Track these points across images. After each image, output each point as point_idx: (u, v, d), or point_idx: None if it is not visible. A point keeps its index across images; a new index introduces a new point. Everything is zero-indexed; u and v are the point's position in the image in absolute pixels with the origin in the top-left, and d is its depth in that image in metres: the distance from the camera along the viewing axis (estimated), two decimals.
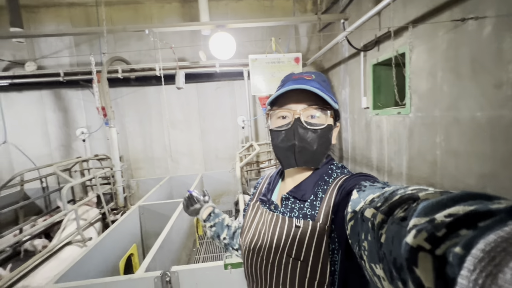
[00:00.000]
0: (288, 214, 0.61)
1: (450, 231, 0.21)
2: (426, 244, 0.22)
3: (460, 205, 0.22)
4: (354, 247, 0.40)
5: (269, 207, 0.67)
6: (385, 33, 2.41)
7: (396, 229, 0.28)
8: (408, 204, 0.30)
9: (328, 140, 0.63)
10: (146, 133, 4.04)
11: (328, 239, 0.54)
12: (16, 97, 3.78)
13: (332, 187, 0.59)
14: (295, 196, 0.62)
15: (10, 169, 3.86)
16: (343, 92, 3.37)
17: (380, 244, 0.30)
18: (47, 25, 3.71)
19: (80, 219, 2.39)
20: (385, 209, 0.32)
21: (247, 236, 0.68)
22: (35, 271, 1.90)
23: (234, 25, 2.48)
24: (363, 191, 0.44)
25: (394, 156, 2.45)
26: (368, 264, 0.34)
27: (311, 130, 0.59)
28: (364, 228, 0.36)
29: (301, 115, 0.60)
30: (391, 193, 0.35)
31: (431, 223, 0.23)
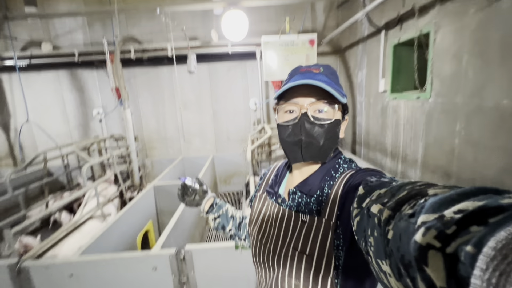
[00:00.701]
0: (294, 208, 0.62)
1: (460, 228, 0.21)
2: (436, 242, 0.22)
3: (470, 201, 0.22)
4: (361, 242, 0.40)
5: (276, 200, 0.68)
6: (409, 11, 2.24)
7: (404, 225, 0.27)
8: (416, 200, 0.29)
9: (336, 134, 0.62)
10: (159, 113, 4.10)
11: (334, 234, 0.54)
12: (35, 77, 3.88)
13: (338, 182, 0.59)
14: (301, 191, 0.62)
15: (33, 146, 4.08)
16: (360, 74, 3.24)
17: (387, 241, 0.30)
18: (60, 3, 3.69)
19: (100, 195, 2.53)
20: (392, 205, 0.32)
21: (255, 227, 0.70)
22: (62, 242, 2.07)
23: (247, 3, 2.37)
24: (369, 187, 0.43)
25: (410, 143, 2.39)
26: (375, 260, 0.34)
27: (318, 125, 0.59)
28: (370, 224, 0.35)
29: (308, 110, 0.59)
30: (398, 189, 0.35)
31: (440, 220, 0.22)
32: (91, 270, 1.30)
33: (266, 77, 2.20)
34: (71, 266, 1.30)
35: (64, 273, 1.30)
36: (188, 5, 2.45)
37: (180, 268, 1.26)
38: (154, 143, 4.17)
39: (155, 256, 1.25)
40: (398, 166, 2.61)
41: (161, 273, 1.26)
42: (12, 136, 4.06)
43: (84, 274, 1.30)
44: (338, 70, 3.96)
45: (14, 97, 3.94)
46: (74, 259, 1.32)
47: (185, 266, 1.27)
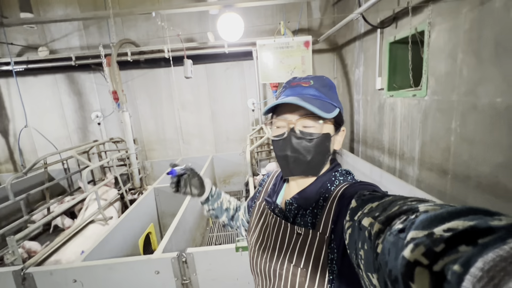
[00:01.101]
0: (291, 219, 0.63)
1: (449, 247, 0.21)
2: (424, 259, 0.22)
3: (460, 220, 0.22)
4: (352, 256, 0.40)
5: (273, 210, 0.68)
6: (404, 9, 2.25)
7: (393, 240, 0.27)
8: (407, 215, 0.29)
9: (326, 148, 0.61)
10: (157, 115, 4.10)
11: (328, 248, 0.55)
12: (32, 82, 3.88)
13: (333, 195, 0.59)
14: (297, 203, 0.63)
15: (33, 151, 4.09)
16: (357, 72, 3.25)
17: (376, 254, 0.30)
18: (55, 8, 3.68)
19: (101, 199, 2.55)
20: (383, 219, 0.32)
21: (253, 236, 0.71)
22: (64, 247, 2.10)
23: (243, 4, 2.37)
24: (362, 200, 0.44)
25: (407, 140, 2.41)
26: (365, 273, 0.34)
27: (306, 139, 0.59)
28: (361, 237, 0.36)
29: (295, 125, 0.59)
30: (390, 203, 0.35)
31: (429, 237, 0.22)
32: (95, 275, 1.32)
33: (262, 79, 2.21)
34: (75, 271, 1.32)
35: (68, 279, 1.33)
36: (184, 8, 2.45)
37: (182, 271, 1.28)
38: (153, 145, 4.19)
39: (157, 259, 1.28)
40: (396, 164, 2.64)
41: (163, 277, 1.29)
42: (11, 141, 4.07)
43: (87, 279, 1.32)
44: (335, 67, 3.97)
45: (12, 102, 3.94)
46: (78, 265, 1.34)
47: (187, 269, 1.30)
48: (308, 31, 3.76)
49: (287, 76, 2.19)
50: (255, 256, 0.68)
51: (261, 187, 0.81)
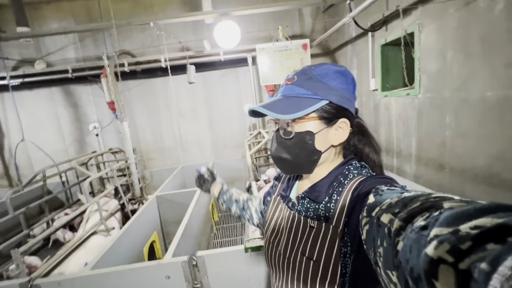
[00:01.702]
0: (304, 213, 0.63)
1: (476, 245, 0.20)
2: (449, 256, 0.21)
3: (488, 217, 0.21)
4: (370, 252, 0.39)
5: (287, 204, 0.70)
6: (393, 12, 2.35)
7: (415, 237, 0.26)
8: (429, 212, 0.28)
9: (309, 146, 0.59)
10: (155, 124, 4.11)
11: (341, 242, 0.54)
12: (27, 95, 3.86)
13: (347, 189, 0.58)
14: (309, 197, 0.63)
15: (29, 165, 4.03)
16: None
17: (396, 252, 0.29)
18: (50, 22, 3.71)
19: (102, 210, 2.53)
20: (404, 216, 0.31)
21: (268, 229, 0.72)
22: (67, 259, 2.06)
23: (238, 12, 2.44)
24: (380, 195, 0.42)
25: (403, 138, 2.48)
26: (384, 271, 0.33)
27: (285, 139, 0.60)
28: (380, 234, 0.35)
29: (280, 125, 0.62)
30: (411, 199, 0.34)
31: (455, 234, 0.22)
32: (104, 283, 1.31)
33: (262, 82, 2.27)
34: (83, 280, 1.31)
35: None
36: (181, 18, 2.51)
37: (193, 274, 1.29)
38: (152, 154, 4.18)
39: (167, 264, 1.28)
40: (393, 161, 2.70)
41: (174, 281, 1.29)
42: (6, 156, 4.01)
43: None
44: None
45: (7, 117, 3.90)
46: (86, 273, 1.33)
47: (198, 273, 1.30)
48: (301, 37, 3.86)
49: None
50: (269, 248, 0.69)
51: (277, 181, 0.83)
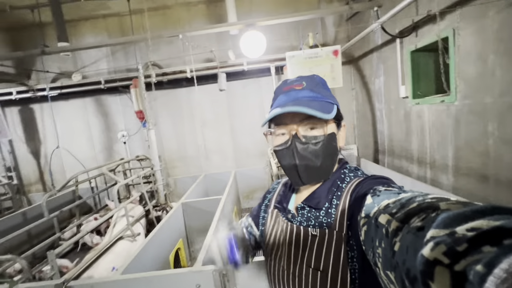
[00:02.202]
0: (304, 223, 0.60)
1: (472, 247, 0.20)
2: (445, 258, 0.21)
3: (485, 219, 0.21)
4: (369, 253, 0.39)
5: (286, 216, 0.66)
6: (424, 18, 2.27)
7: (411, 238, 0.26)
8: (426, 213, 0.28)
9: (334, 149, 0.59)
10: (179, 133, 4.22)
11: (346, 246, 0.52)
12: (63, 105, 4.13)
13: (346, 192, 0.57)
14: (309, 205, 0.61)
15: (61, 171, 4.25)
16: (377, 82, 3.25)
17: (393, 252, 0.29)
18: (87, 37, 3.99)
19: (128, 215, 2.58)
20: (401, 216, 0.31)
21: (268, 245, 0.68)
22: (96, 263, 2.11)
23: (263, 22, 2.48)
24: (377, 196, 0.42)
25: (438, 147, 2.33)
26: (383, 272, 0.33)
27: (311, 144, 0.56)
28: (378, 235, 0.34)
29: (298, 130, 0.57)
30: (408, 200, 0.34)
31: (451, 236, 0.22)
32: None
33: None
34: (114, 285, 1.32)
35: None
36: (208, 30, 2.59)
37: (223, 284, 1.25)
38: (175, 162, 4.26)
39: (198, 272, 1.25)
40: (426, 172, 2.54)
41: None
42: (42, 162, 4.27)
43: None
44: (353, 78, 3.99)
45: (45, 125, 4.18)
46: (117, 278, 1.34)
47: (228, 282, 1.26)
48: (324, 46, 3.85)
49: None
50: (272, 265, 0.65)
51: (269, 195, 0.79)
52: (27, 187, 4.32)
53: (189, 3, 3.88)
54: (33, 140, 4.22)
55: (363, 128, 3.89)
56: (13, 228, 2.46)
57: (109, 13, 3.89)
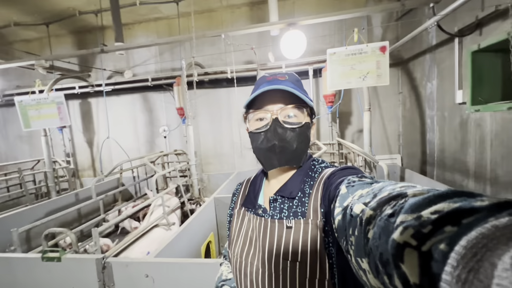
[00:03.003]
0: (277, 216, 0.60)
1: (436, 228, 0.21)
2: (413, 240, 0.22)
3: (446, 202, 0.23)
4: (341, 241, 0.40)
5: (256, 212, 0.65)
6: (491, 13, 2.02)
7: (383, 225, 0.28)
8: (396, 201, 0.29)
9: (307, 137, 0.63)
10: (216, 131, 4.34)
11: (322, 233, 0.54)
12: (115, 100, 4.54)
13: (318, 181, 0.60)
14: (282, 195, 0.61)
15: (109, 159, 4.67)
16: (428, 86, 2.97)
17: (367, 240, 0.30)
18: (139, 38, 4.35)
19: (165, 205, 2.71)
20: (374, 205, 0.32)
21: (237, 246, 0.66)
22: (132, 246, 2.24)
23: (306, 21, 2.43)
24: (352, 186, 0.43)
25: (502, 161, 2.03)
26: (354, 259, 0.34)
27: (290, 129, 0.60)
28: (352, 224, 0.35)
29: (278, 115, 0.60)
30: (380, 190, 0.36)
31: (417, 220, 0.23)
32: (165, 272, 1.35)
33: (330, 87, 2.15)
34: (148, 266, 1.37)
35: (141, 273, 1.38)
36: (249, 29, 2.62)
37: None
38: (210, 159, 4.39)
39: None
40: (486, 189, 2.23)
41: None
42: (94, 150, 4.74)
43: (158, 276, 1.36)
44: (400, 81, 3.71)
45: (98, 118, 4.64)
46: (151, 260, 1.40)
47: None
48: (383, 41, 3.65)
49: (359, 82, 2.10)
50: (243, 267, 0.62)
51: (235, 197, 0.77)
52: (81, 172, 4.83)
53: (232, 6, 4.00)
54: (89, 130, 4.72)
55: (409, 136, 3.58)
56: (67, 206, 2.75)
57: (159, 16, 4.19)
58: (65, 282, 1.49)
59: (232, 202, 0.77)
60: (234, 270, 0.65)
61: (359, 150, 2.45)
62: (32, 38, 4.58)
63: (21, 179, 3.60)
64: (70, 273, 1.48)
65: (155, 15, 4.17)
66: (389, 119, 3.80)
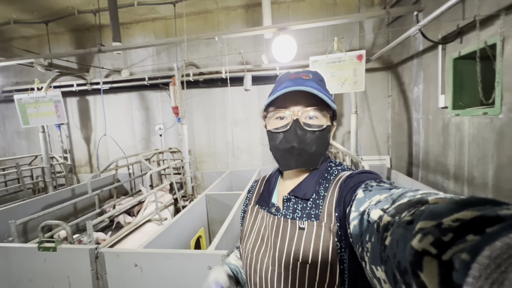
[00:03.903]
0: (290, 216, 0.59)
1: (457, 236, 0.20)
2: (432, 248, 0.22)
3: (468, 210, 0.22)
4: (357, 247, 0.39)
5: (269, 210, 0.65)
6: (470, 23, 2.12)
7: (401, 232, 0.27)
8: (416, 208, 0.29)
9: (327, 141, 0.62)
10: (210, 130, 4.44)
11: (335, 238, 0.52)
12: (113, 98, 4.62)
13: (334, 184, 0.58)
14: (296, 196, 0.61)
15: (106, 156, 4.75)
16: (415, 90, 3.08)
17: (384, 247, 0.30)
18: (137, 38, 4.43)
19: (158, 201, 2.81)
20: (392, 212, 0.32)
21: (249, 242, 0.66)
22: (125, 239, 2.34)
23: (296, 26, 2.53)
24: (369, 191, 0.43)
25: (477, 164, 2.14)
26: (369, 266, 0.34)
27: (310, 131, 0.59)
28: (369, 230, 0.35)
29: (299, 117, 0.58)
30: (399, 196, 0.35)
31: (437, 227, 0.22)
32: (153, 262, 1.45)
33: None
34: (137, 256, 1.47)
35: (130, 262, 1.48)
36: (242, 32, 2.72)
37: None
38: (204, 157, 4.49)
39: (210, 255, 1.35)
40: (463, 190, 2.34)
41: None
42: (91, 147, 4.82)
43: (147, 265, 1.46)
44: (390, 85, 3.82)
45: (96, 115, 4.72)
46: (140, 250, 1.49)
47: None
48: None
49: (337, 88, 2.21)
50: (253, 263, 0.62)
51: (250, 194, 0.78)
52: (78, 168, 4.91)
53: (228, 8, 4.09)
54: (86, 127, 4.80)
55: (398, 138, 3.69)
56: (64, 201, 2.84)
57: (157, 16, 4.27)
58: (60, 271, 1.59)
59: (246, 199, 0.78)
60: (245, 265, 0.66)
61: (344, 151, 2.56)
62: (31, 35, 4.65)
63: (19, 174, 3.69)
64: (65, 262, 1.58)
65: (152, 15, 4.25)
66: (379, 121, 3.92)
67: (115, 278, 1.51)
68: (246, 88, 3.29)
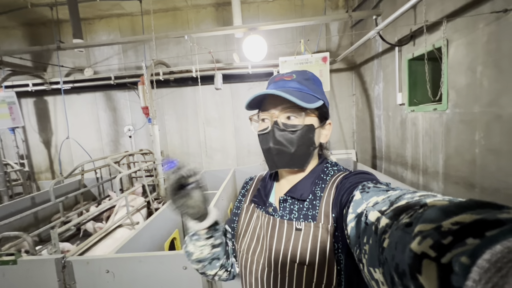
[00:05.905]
0: (287, 216, 0.60)
1: (457, 239, 0.20)
2: (431, 251, 0.22)
3: (468, 213, 0.22)
4: (354, 249, 0.39)
5: (266, 210, 0.65)
6: (421, 27, 2.34)
7: (400, 234, 0.27)
8: (414, 210, 0.29)
9: (309, 140, 0.60)
10: (182, 130, 4.36)
11: (332, 238, 0.53)
12: (75, 99, 4.34)
13: (330, 184, 0.59)
14: (293, 197, 0.61)
15: (70, 161, 4.45)
16: (376, 88, 3.31)
17: (382, 249, 0.30)
18: (101, 35, 4.20)
19: (129, 205, 2.72)
20: (390, 214, 0.32)
21: (244, 242, 0.65)
22: (95, 246, 2.24)
23: (266, 27, 2.59)
24: (366, 193, 0.43)
25: (430, 155, 2.38)
26: (367, 268, 0.34)
27: (289, 131, 0.58)
28: (367, 232, 0.35)
29: (278, 118, 0.59)
30: (397, 197, 0.35)
31: (437, 230, 0.22)
32: (126, 267, 1.42)
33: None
34: (108, 262, 1.43)
35: (102, 269, 1.43)
36: (212, 32, 2.72)
37: None
38: (178, 158, 4.39)
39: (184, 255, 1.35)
40: (419, 179, 2.59)
41: (190, 273, 1.35)
42: (52, 151, 4.48)
43: (119, 271, 1.42)
44: (354, 84, 4.06)
45: (56, 117, 4.40)
46: (111, 256, 1.45)
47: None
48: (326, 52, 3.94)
49: None
50: (248, 264, 0.62)
51: (244, 190, 0.77)
52: (37, 175, 4.54)
53: (198, 6, 4.04)
54: (45, 130, 4.45)
55: (362, 133, 3.95)
56: (22, 211, 2.62)
57: (122, 13, 4.08)
58: (22, 285, 1.48)
59: (240, 195, 0.76)
60: (240, 266, 0.65)
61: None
62: None
63: None
64: (28, 275, 1.48)
65: (117, 11, 4.05)
66: (345, 118, 4.16)
67: (85, 287, 1.45)
68: (217, 87, 3.29)
